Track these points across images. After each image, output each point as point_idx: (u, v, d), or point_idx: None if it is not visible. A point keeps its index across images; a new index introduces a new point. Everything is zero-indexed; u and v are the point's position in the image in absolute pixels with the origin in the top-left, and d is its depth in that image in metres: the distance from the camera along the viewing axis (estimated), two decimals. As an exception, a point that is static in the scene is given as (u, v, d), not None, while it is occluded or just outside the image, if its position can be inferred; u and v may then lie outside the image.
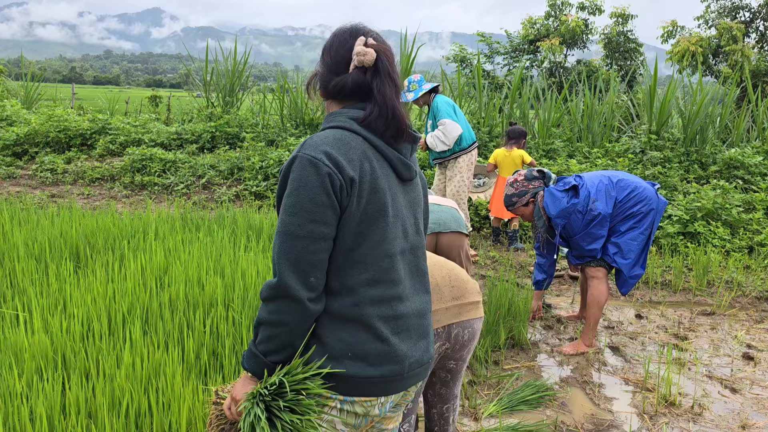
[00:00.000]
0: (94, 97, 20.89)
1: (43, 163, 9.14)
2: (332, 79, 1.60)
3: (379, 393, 1.56)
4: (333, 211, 1.48)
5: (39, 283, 3.58)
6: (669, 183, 7.68)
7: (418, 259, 1.68)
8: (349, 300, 1.52)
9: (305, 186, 1.46)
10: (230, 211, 5.97)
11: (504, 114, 10.12)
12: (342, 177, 1.47)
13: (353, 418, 1.56)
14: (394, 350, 1.56)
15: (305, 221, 1.46)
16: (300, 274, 1.46)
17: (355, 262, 1.53)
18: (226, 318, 3.20)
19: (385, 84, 1.56)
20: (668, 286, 5.59)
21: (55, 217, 5.19)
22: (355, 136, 1.55)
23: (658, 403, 3.45)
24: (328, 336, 1.52)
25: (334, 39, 1.63)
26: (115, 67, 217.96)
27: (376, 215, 1.53)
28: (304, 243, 1.46)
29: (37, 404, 2.29)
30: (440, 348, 2.25)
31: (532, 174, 4.15)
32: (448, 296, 2.27)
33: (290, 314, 1.47)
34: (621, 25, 22.62)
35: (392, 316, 1.57)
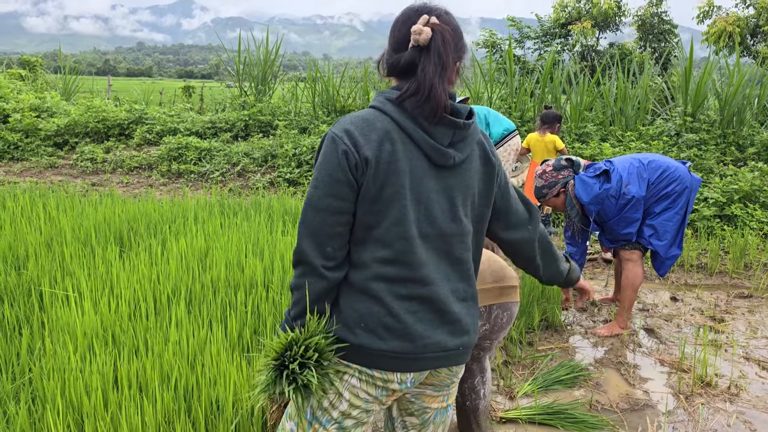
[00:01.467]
0: (128, 89, 21.29)
1: (83, 152, 9.40)
2: (392, 57, 1.61)
3: (392, 368, 1.59)
4: (349, 187, 1.53)
5: (87, 266, 3.72)
6: (705, 166, 7.57)
7: (453, 246, 1.64)
8: (364, 274, 1.58)
9: (326, 161, 1.53)
10: (266, 197, 6.08)
11: (535, 98, 10.05)
12: (357, 155, 1.51)
13: (373, 388, 1.61)
14: (406, 328, 1.58)
15: (324, 195, 1.53)
16: (317, 243, 1.54)
17: (375, 239, 1.57)
18: (266, 299, 3.29)
19: (430, 62, 1.52)
20: (704, 269, 5.54)
21: (98, 204, 5.36)
22: (383, 116, 1.56)
23: (694, 383, 3.45)
24: (345, 305, 1.60)
25: (400, 17, 1.63)
26: (148, 59, 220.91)
27: (393, 196, 1.54)
28: (322, 215, 1.53)
29: (92, 378, 2.41)
30: (480, 328, 2.30)
31: (560, 164, 4.14)
32: (489, 279, 2.32)
33: (308, 277, 1.56)
34: (655, 6, 22.16)
35: (407, 296, 1.59)
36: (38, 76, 16.44)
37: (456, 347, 1.67)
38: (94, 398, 2.33)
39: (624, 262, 4.12)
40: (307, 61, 12.15)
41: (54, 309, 3.14)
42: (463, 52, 1.64)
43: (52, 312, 3.13)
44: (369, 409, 1.65)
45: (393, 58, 1.60)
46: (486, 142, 1.71)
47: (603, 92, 10.04)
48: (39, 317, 3.16)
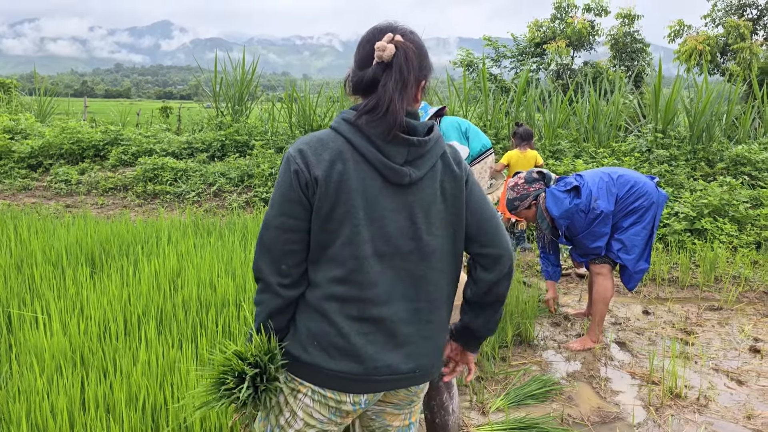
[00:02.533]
0: (105, 110, 21.16)
1: (57, 174, 9.32)
2: (356, 75, 1.61)
3: (343, 388, 1.58)
4: (301, 206, 1.55)
5: (57, 288, 3.69)
6: (676, 181, 7.71)
7: (414, 264, 1.61)
8: (318, 292, 1.59)
9: (280, 181, 1.57)
10: (241, 217, 6.07)
11: (510, 117, 10.19)
12: (308, 174, 1.52)
13: (326, 409, 1.61)
14: (355, 350, 1.56)
15: (277, 213, 1.57)
16: (271, 260, 1.58)
17: (328, 258, 1.57)
18: (237, 317, 3.29)
19: (391, 78, 1.52)
20: (675, 283, 5.63)
21: (70, 225, 5.32)
22: (337, 136, 1.56)
23: (664, 395, 3.49)
24: (300, 322, 1.62)
25: (366, 35, 1.64)
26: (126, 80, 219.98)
27: (344, 215, 1.53)
28: (275, 233, 1.56)
29: (58, 400, 2.38)
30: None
31: (531, 176, 4.20)
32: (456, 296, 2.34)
33: (264, 294, 1.60)
34: (627, 25, 22.63)
35: (358, 317, 1.57)
36: (13, 98, 16.28)
37: (410, 371, 1.62)
38: (60, 420, 2.31)
39: (594, 276, 4.18)
40: (287, 81, 12.21)
41: (22, 331, 3.11)
42: (428, 71, 1.64)
43: (20, 334, 3.09)
44: (325, 429, 1.65)
45: (357, 76, 1.60)
46: (451, 154, 1.66)
47: (576, 110, 10.21)
48: (6, 339, 3.12)
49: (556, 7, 23.64)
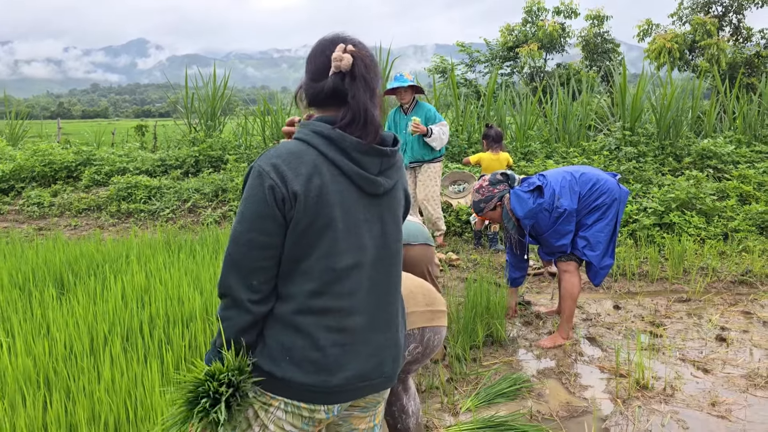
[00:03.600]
0: (81, 131, 20.99)
1: (29, 197, 9.23)
2: (312, 87, 1.62)
3: (316, 401, 1.59)
4: (275, 222, 1.52)
5: (23, 311, 3.67)
6: (644, 177, 7.83)
7: (386, 272, 1.67)
8: (290, 307, 1.57)
9: (251, 196, 1.52)
10: (212, 232, 6.07)
11: (481, 120, 10.28)
12: (285, 190, 1.50)
13: (299, 420, 1.61)
14: (329, 362, 1.57)
15: (246, 229, 1.52)
16: (240, 276, 1.54)
17: (301, 272, 1.56)
18: (204, 330, 3.29)
19: (359, 88, 1.56)
20: (645, 277, 5.71)
21: (39, 247, 5.28)
22: (310, 150, 1.55)
23: (631, 387, 3.55)
24: (270, 337, 1.59)
25: (316, 47, 1.66)
26: (103, 100, 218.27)
27: (323, 229, 1.54)
28: (244, 249, 1.52)
29: (18, 422, 2.38)
30: (414, 350, 2.33)
31: (496, 178, 4.26)
32: (422, 301, 2.37)
33: (232, 311, 1.56)
34: (597, 26, 22.94)
35: (336, 328, 1.58)
36: (-16, 122, 16.12)
37: (379, 376, 1.66)
38: (21, 442, 2.30)
39: (561, 273, 4.23)
40: (266, 94, 12.24)
41: (-14, 356, 3.08)
42: (380, 79, 1.67)
43: (-17, 359, 3.07)
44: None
45: (314, 88, 1.62)
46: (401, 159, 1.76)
47: (546, 111, 10.33)
48: (-30, 365, 3.09)
49: (526, 11, 23.91)
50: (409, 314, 2.26)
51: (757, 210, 6.76)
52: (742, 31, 20.67)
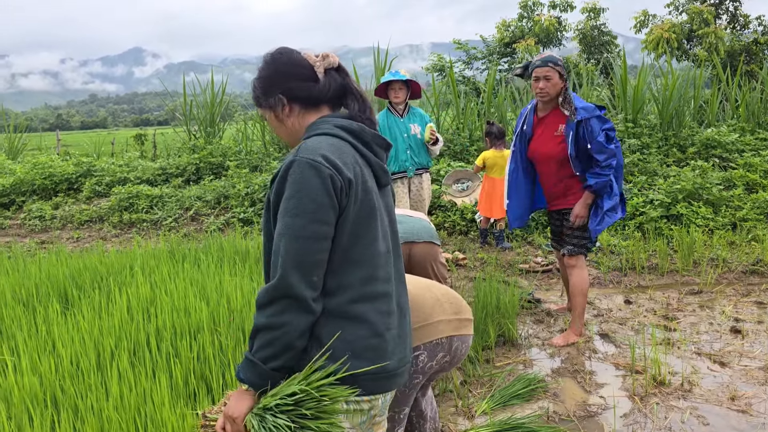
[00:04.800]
0: (80, 142, 20.98)
1: (30, 211, 9.19)
2: (311, 86, 1.67)
3: (379, 390, 1.60)
4: (333, 212, 1.53)
5: (27, 328, 3.61)
6: (649, 168, 7.76)
7: (397, 261, 1.74)
8: (346, 297, 1.57)
9: (307, 188, 1.50)
10: (216, 240, 6.01)
11: (483, 118, 10.22)
12: (341, 178, 1.53)
13: (359, 416, 1.59)
14: (387, 346, 1.61)
15: (308, 222, 1.50)
16: (304, 273, 1.49)
17: (352, 261, 1.57)
18: (212, 342, 3.24)
19: (353, 83, 1.71)
20: (655, 270, 5.65)
21: (42, 261, 5.23)
22: (344, 142, 1.62)
23: (648, 384, 3.48)
24: (327, 336, 1.55)
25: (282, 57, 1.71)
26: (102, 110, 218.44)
27: (369, 215, 1.59)
28: (307, 243, 1.50)
29: (27, 444, 2.32)
30: (441, 360, 2.27)
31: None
32: (449, 310, 2.31)
33: (292, 314, 1.49)
34: (593, 19, 22.86)
35: (386, 311, 1.63)
36: (-17, 137, 16.10)
37: (409, 361, 1.73)
38: (29, 464, 2.24)
39: (569, 269, 4.17)
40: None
41: (-9, 375, 3.03)
42: None
43: (-11, 378, 3.02)
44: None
45: (318, 86, 1.68)
46: None
47: (547, 106, 10.26)
48: (-24, 385, 3.04)
49: (522, 6, 23.85)
50: (437, 323, 2.21)
51: (764, 198, 6.70)
52: (739, 18, 20.60)
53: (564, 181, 4.08)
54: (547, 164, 4.09)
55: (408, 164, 5.48)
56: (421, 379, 2.19)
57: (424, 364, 2.16)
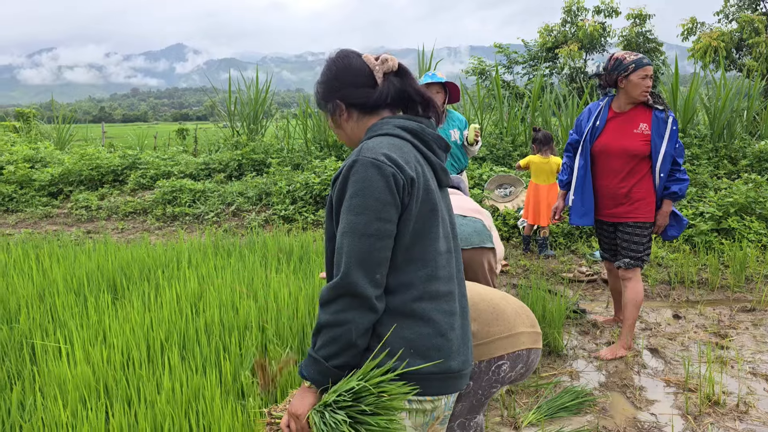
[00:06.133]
0: (123, 135, 21.43)
1: (77, 201, 9.40)
2: (368, 93, 1.68)
3: (443, 391, 1.59)
4: (396, 210, 1.53)
5: (79, 316, 3.68)
6: (699, 180, 7.57)
7: (458, 262, 1.74)
8: (408, 296, 1.56)
9: (370, 186, 1.51)
10: (260, 236, 6.05)
11: (526, 123, 10.10)
12: (404, 176, 1.53)
13: (422, 416, 1.58)
14: (450, 345, 1.60)
15: (372, 219, 1.50)
16: (367, 271, 1.50)
17: (414, 259, 1.58)
18: (262, 341, 3.24)
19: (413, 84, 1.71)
20: (705, 285, 5.49)
21: (91, 251, 5.33)
22: (404, 142, 1.63)
23: (701, 403, 3.38)
24: (389, 334, 1.55)
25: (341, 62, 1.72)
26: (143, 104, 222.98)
27: (430, 214, 1.59)
28: (371, 241, 1.50)
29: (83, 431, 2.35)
30: (519, 370, 2.24)
31: None
32: (527, 323, 2.29)
33: (355, 311, 1.49)
34: (639, 25, 22.45)
35: (449, 311, 1.62)
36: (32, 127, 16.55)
37: (471, 364, 1.71)
38: (85, 453, 2.27)
39: (624, 281, 4.07)
40: (301, 97, 12.23)
41: (46, 362, 3.09)
42: None
43: (43, 365, 3.07)
44: None
45: (377, 92, 1.68)
46: None
47: (593, 113, 10.09)
48: (31, 371, 3.10)
49: (565, 11, 23.55)
50: (519, 334, 2.19)
51: (821, 215, 6.46)
52: (793, 28, 19.98)
53: (629, 182, 3.94)
54: (618, 160, 3.94)
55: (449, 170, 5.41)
56: (499, 388, 2.16)
57: (506, 374, 2.14)
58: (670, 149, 3.80)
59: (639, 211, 3.94)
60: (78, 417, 2.49)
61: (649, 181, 3.92)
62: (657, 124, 3.82)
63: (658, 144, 3.80)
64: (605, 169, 4.01)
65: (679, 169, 3.80)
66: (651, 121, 3.85)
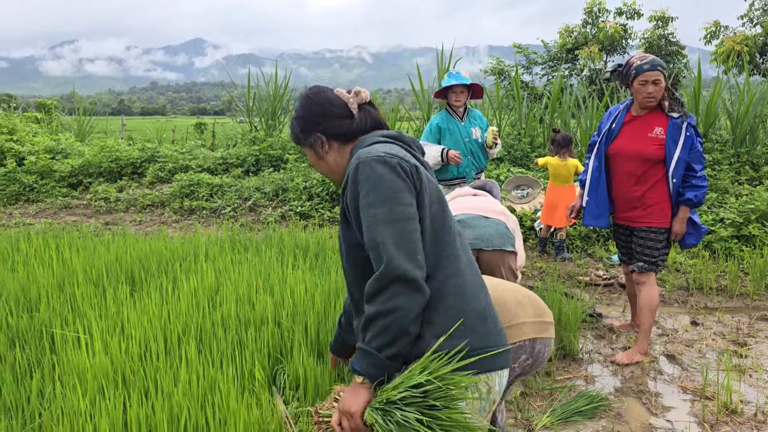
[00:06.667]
0: (142, 128, 21.60)
1: (96, 192, 9.49)
2: (348, 123, 1.77)
3: (495, 365, 1.59)
4: (411, 194, 1.58)
5: (98, 307, 3.72)
6: (720, 186, 7.48)
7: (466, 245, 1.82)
8: (443, 275, 1.59)
9: (381, 178, 1.55)
10: (277, 232, 6.08)
11: (545, 124, 10.05)
12: (408, 164, 1.60)
13: (478, 402, 1.57)
14: (494, 318, 1.66)
15: (394, 206, 1.53)
16: (409, 253, 1.51)
17: (438, 241, 1.63)
18: (281, 336, 3.26)
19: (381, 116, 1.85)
20: (724, 292, 5.43)
21: (110, 243, 5.38)
22: (393, 145, 1.71)
23: (718, 411, 3.34)
24: (436, 315, 1.56)
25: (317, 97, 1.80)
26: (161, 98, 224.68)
27: (439, 198, 1.68)
28: (400, 224, 1.52)
29: (101, 422, 2.38)
30: (524, 362, 2.23)
31: None
32: (531, 312, 2.27)
33: (405, 297, 1.49)
34: (661, 28, 22.24)
35: (480, 284, 1.69)
36: (53, 118, 16.73)
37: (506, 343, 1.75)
38: (103, 443, 2.29)
39: (639, 285, 4.04)
40: (317, 94, 12.23)
41: (65, 351, 3.13)
42: None
43: (63, 354, 3.11)
44: None
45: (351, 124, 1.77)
46: None
47: (612, 115, 10.01)
48: (50, 360, 3.14)
49: (586, 12, 23.40)
50: (520, 324, 2.17)
51: (844, 224, 6.36)
52: (819, 33, 19.70)
53: (642, 187, 3.90)
54: (631, 163, 3.90)
55: (468, 169, 5.35)
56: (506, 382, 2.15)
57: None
58: (684, 155, 3.75)
59: (653, 216, 3.90)
60: (96, 406, 2.52)
61: (664, 187, 3.87)
62: (672, 129, 3.78)
63: (672, 149, 3.76)
64: (619, 172, 3.98)
65: (696, 175, 3.74)
66: (666, 126, 3.81)
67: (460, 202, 3.81)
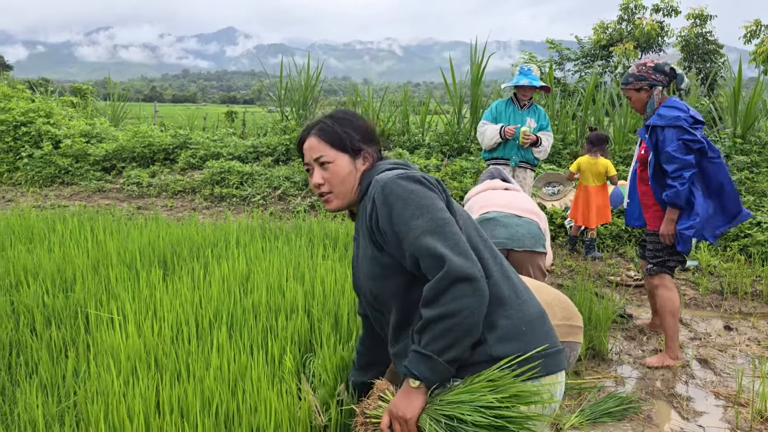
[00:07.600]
0: (173, 115, 21.83)
1: (129, 177, 9.63)
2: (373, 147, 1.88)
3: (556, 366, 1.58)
4: (442, 201, 1.63)
5: (131, 289, 3.77)
6: (758, 188, 7.31)
7: None
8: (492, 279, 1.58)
9: (411, 192, 1.58)
10: (306, 221, 6.10)
11: (577, 121, 9.91)
12: (431, 178, 1.66)
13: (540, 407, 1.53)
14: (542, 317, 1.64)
15: (434, 212, 1.55)
16: (465, 254, 1.49)
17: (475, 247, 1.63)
18: (311, 327, 3.27)
19: None
20: (760, 297, 5.32)
21: (143, 227, 5.45)
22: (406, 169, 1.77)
23: (752, 419, 3.28)
24: (497, 317, 1.54)
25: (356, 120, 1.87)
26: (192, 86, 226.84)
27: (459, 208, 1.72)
28: (447, 228, 1.53)
29: (134, 403, 2.41)
30: None
31: (662, 67, 3.87)
32: (560, 315, 2.25)
33: (469, 298, 1.46)
34: (699, 26, 21.75)
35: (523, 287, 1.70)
36: (89, 103, 16.98)
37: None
38: (137, 423, 2.32)
39: (655, 288, 4.00)
40: (347, 85, 12.25)
41: (99, 332, 3.17)
42: None
43: (97, 335, 3.16)
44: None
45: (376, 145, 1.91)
46: None
47: (648, 114, 9.84)
48: (85, 340, 3.19)
49: (622, 8, 22.98)
50: None
51: None
52: None
53: (642, 189, 4.01)
54: (640, 166, 4.02)
55: (513, 153, 5.42)
56: None
57: None
58: (654, 157, 3.78)
59: (651, 218, 3.97)
60: (130, 387, 2.55)
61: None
62: (640, 130, 3.96)
63: (651, 153, 3.83)
64: (639, 174, 4.08)
65: (669, 175, 3.68)
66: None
67: (491, 197, 3.78)
